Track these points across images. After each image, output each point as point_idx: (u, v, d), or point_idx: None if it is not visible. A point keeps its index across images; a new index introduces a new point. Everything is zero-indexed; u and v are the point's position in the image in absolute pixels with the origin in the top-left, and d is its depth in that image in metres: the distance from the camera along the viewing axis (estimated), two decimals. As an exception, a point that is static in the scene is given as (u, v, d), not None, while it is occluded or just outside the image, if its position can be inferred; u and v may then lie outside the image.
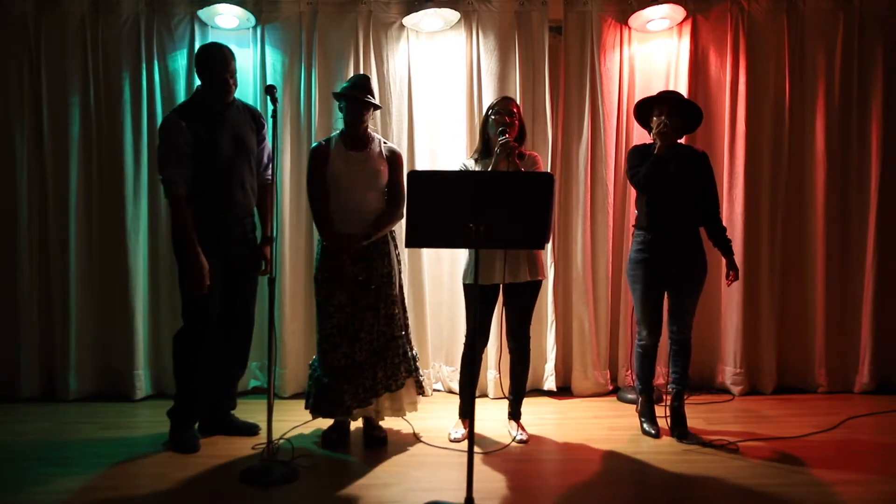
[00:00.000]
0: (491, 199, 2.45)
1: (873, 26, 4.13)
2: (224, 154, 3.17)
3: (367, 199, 3.20)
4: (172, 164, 3.10)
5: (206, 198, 3.14)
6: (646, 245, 3.38)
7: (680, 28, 4.13)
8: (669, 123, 3.26)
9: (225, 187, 3.19)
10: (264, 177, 3.37)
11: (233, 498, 2.78)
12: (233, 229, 3.25)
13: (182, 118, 3.13)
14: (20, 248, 3.98)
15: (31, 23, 3.94)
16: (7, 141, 3.97)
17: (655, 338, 3.44)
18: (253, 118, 3.35)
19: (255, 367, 4.17)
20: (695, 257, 3.39)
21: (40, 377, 4.06)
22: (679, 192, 3.32)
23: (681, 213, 3.35)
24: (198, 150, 3.12)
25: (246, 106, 3.39)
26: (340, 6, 4.06)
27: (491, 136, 3.26)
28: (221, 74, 3.15)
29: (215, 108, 3.19)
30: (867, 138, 4.15)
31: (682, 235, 3.37)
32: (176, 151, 3.09)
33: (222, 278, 3.22)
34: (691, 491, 2.83)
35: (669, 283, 3.40)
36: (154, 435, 3.38)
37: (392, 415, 3.33)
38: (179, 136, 3.09)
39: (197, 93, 3.27)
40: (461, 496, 2.44)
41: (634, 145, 3.57)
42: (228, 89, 3.18)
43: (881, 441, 3.42)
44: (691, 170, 3.36)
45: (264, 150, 3.39)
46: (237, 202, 3.23)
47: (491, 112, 3.29)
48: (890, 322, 4.21)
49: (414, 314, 4.12)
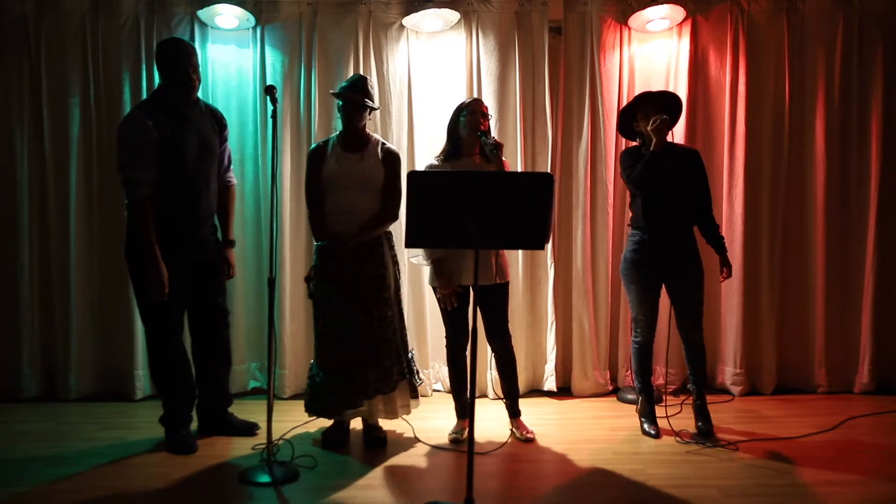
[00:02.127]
0: (490, 199, 2.45)
1: (873, 26, 4.13)
2: (190, 155, 3.11)
3: (360, 200, 3.18)
4: (138, 164, 3.00)
5: (171, 200, 3.08)
6: (641, 245, 3.40)
7: (680, 28, 4.13)
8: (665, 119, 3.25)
9: (191, 189, 3.13)
10: (225, 179, 3.35)
11: (232, 498, 2.78)
12: (197, 232, 3.20)
13: (147, 116, 3.03)
14: (20, 249, 3.98)
15: (31, 23, 3.94)
16: (7, 141, 3.97)
17: (650, 335, 3.47)
18: (215, 119, 3.31)
19: (254, 367, 4.17)
20: (690, 255, 3.41)
21: (41, 377, 4.06)
22: (674, 191, 3.33)
23: (676, 212, 3.36)
24: (164, 151, 3.03)
25: (208, 106, 3.35)
26: (340, 6, 4.06)
27: (463, 137, 3.26)
28: (184, 69, 3.07)
29: (179, 107, 3.11)
30: (867, 138, 4.15)
31: (677, 234, 3.38)
32: (141, 150, 3.00)
33: (189, 281, 3.18)
34: (691, 491, 2.83)
35: (666, 281, 3.42)
36: (154, 435, 3.38)
37: (385, 417, 3.33)
38: (145, 135, 2.99)
39: (159, 90, 3.18)
40: (461, 496, 2.44)
41: (626, 148, 3.59)
42: (192, 85, 3.11)
43: (881, 441, 3.42)
44: (685, 168, 3.37)
45: (225, 153, 3.36)
46: (202, 205, 3.18)
47: (464, 113, 3.27)
48: (890, 322, 4.21)
49: (414, 314, 4.12)
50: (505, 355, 3.39)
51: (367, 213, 3.19)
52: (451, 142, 3.32)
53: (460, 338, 3.34)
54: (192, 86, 3.12)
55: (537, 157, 4.13)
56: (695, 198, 3.41)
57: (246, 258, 4.06)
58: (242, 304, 4.05)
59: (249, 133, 4.08)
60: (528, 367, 4.16)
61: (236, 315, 3.86)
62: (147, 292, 3.07)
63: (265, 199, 4.04)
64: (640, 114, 3.36)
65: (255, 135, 4.07)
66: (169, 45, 3.16)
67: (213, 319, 3.35)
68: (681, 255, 3.38)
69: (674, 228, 3.37)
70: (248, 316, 4.11)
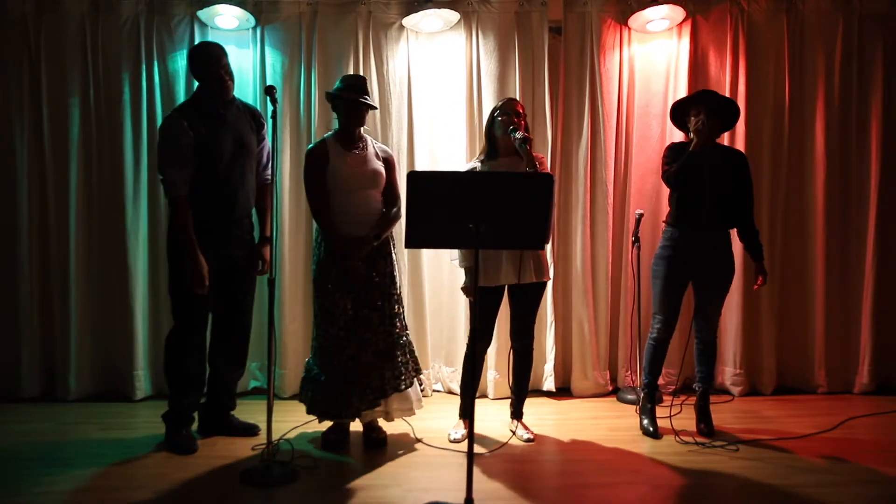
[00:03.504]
0: (491, 199, 2.45)
1: (873, 26, 4.14)
2: (225, 154, 3.16)
3: (370, 199, 3.20)
4: (174, 164, 3.09)
5: (207, 199, 3.13)
6: (673, 242, 3.39)
7: (680, 28, 4.13)
8: (707, 122, 3.24)
9: (226, 188, 3.18)
10: (263, 177, 3.37)
11: (233, 498, 2.77)
12: (232, 230, 3.24)
13: (183, 118, 3.12)
14: (20, 249, 3.98)
15: (31, 23, 3.94)
16: (7, 141, 3.97)
17: (669, 332, 3.45)
18: (253, 118, 3.34)
19: (254, 367, 4.17)
20: (722, 257, 3.39)
21: (40, 377, 4.06)
22: (710, 191, 3.29)
23: (711, 212, 3.31)
24: (199, 151, 3.11)
25: (246, 105, 3.39)
26: (340, 7, 4.06)
27: (498, 137, 3.26)
28: (215, 71, 3.13)
29: (216, 108, 3.18)
30: (867, 138, 4.16)
31: (709, 234, 3.35)
32: (178, 152, 3.08)
33: (218, 279, 3.20)
34: (691, 491, 2.83)
35: (694, 280, 3.41)
36: (154, 435, 3.37)
37: (401, 415, 3.31)
38: (181, 136, 3.07)
39: (197, 92, 3.26)
40: (461, 496, 2.43)
41: (672, 142, 3.57)
42: (225, 86, 3.17)
43: (881, 441, 3.42)
44: (725, 169, 3.33)
45: (264, 150, 3.38)
46: (238, 203, 3.22)
47: (497, 113, 3.28)
48: (890, 322, 4.21)
49: (414, 314, 4.12)
50: (525, 355, 3.40)
51: (375, 212, 3.20)
52: (489, 143, 3.34)
53: (485, 339, 3.35)
54: (225, 86, 3.17)
55: (537, 157, 4.13)
56: (734, 200, 3.36)
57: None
58: (242, 305, 4.04)
59: (249, 133, 4.07)
60: (527, 368, 4.16)
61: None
62: (187, 286, 3.11)
63: (265, 200, 4.04)
64: (693, 110, 3.32)
65: (255, 135, 4.07)
66: (199, 51, 3.22)
67: (237, 324, 3.37)
68: (713, 256, 3.35)
69: (708, 228, 3.34)
70: (248, 316, 4.11)
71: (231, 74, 3.21)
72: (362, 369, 3.16)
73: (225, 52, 3.21)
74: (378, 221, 3.19)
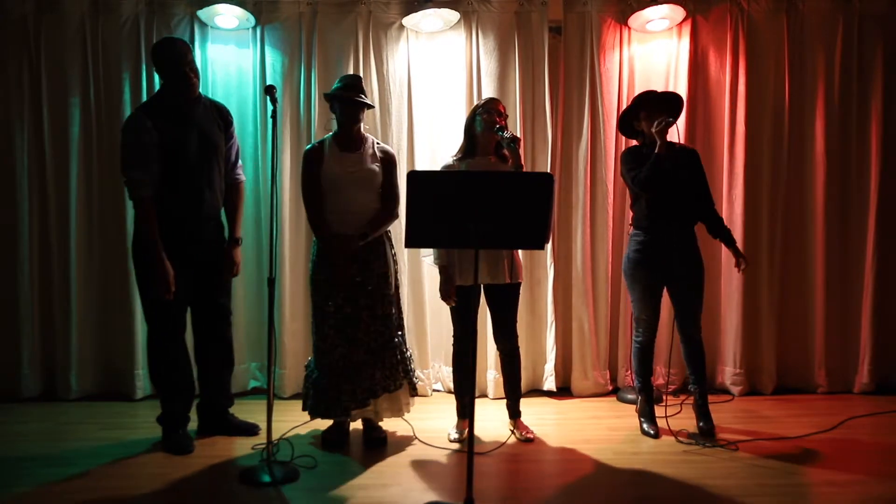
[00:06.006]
0: (491, 199, 2.45)
1: (873, 26, 4.13)
2: (191, 153, 3.11)
3: (362, 199, 3.19)
4: (137, 164, 3.03)
5: (172, 199, 3.08)
6: (643, 245, 3.40)
7: (679, 28, 4.13)
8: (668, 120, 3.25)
9: (192, 187, 3.13)
10: (233, 176, 3.34)
11: (232, 498, 2.78)
12: (201, 231, 3.20)
13: (147, 116, 3.06)
14: (21, 248, 3.98)
15: (31, 23, 3.94)
16: (7, 141, 3.97)
17: (652, 334, 3.47)
18: (220, 116, 3.28)
19: (254, 367, 4.17)
20: (692, 255, 3.42)
21: (41, 377, 4.06)
22: (676, 191, 3.33)
23: (678, 212, 3.37)
24: (164, 150, 3.05)
25: (213, 103, 3.33)
26: (340, 6, 4.06)
27: (478, 134, 3.26)
28: (180, 69, 3.07)
29: (181, 106, 3.12)
30: (867, 138, 4.16)
31: (680, 234, 3.39)
32: (141, 151, 3.02)
33: (191, 280, 3.17)
34: (691, 491, 2.83)
35: (669, 281, 3.42)
36: (154, 435, 3.37)
37: (391, 416, 3.33)
38: (144, 135, 3.01)
39: (161, 90, 3.19)
40: (461, 496, 2.44)
41: (627, 148, 3.59)
42: (191, 83, 3.10)
43: (881, 441, 3.42)
44: (686, 167, 3.38)
45: (233, 149, 3.34)
46: (205, 202, 3.17)
47: (480, 111, 3.28)
48: (890, 322, 4.21)
49: (414, 314, 4.12)
50: (510, 355, 3.40)
51: (368, 212, 3.20)
52: (468, 141, 3.33)
53: (468, 338, 3.34)
54: (191, 84, 3.11)
55: (537, 157, 4.13)
56: (696, 197, 3.41)
57: (246, 258, 4.04)
58: (242, 304, 4.04)
59: (249, 133, 4.07)
60: (527, 367, 4.14)
61: (236, 315, 3.85)
62: (152, 291, 3.07)
63: (265, 199, 4.04)
64: (643, 113, 3.36)
65: (255, 135, 4.07)
66: (163, 46, 3.15)
67: (214, 320, 3.34)
68: (683, 255, 3.39)
69: (676, 229, 3.38)
70: (248, 315, 4.11)
71: (196, 72, 3.15)
72: (354, 368, 3.16)
73: (190, 48, 3.17)
74: (369, 221, 3.18)
